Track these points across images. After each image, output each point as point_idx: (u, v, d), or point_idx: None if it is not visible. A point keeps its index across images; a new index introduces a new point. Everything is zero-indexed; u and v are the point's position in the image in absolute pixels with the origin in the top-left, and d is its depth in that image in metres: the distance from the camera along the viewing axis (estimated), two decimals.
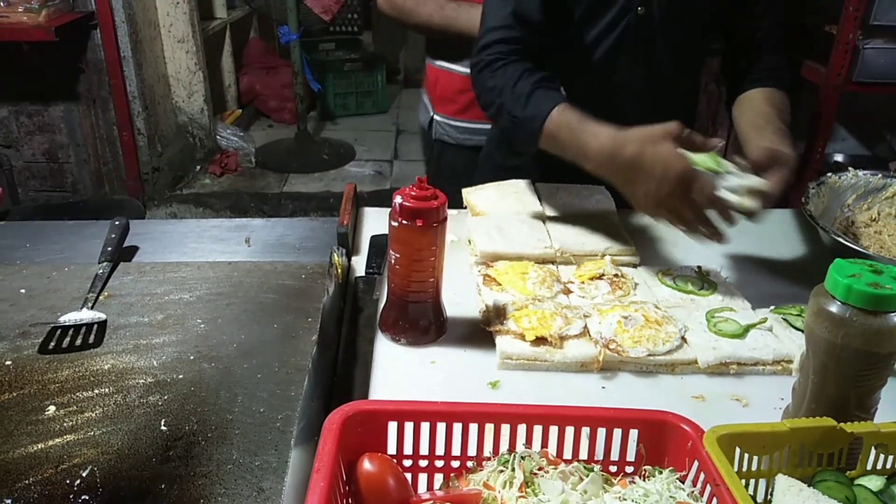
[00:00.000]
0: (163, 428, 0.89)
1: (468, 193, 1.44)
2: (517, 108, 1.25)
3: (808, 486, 0.68)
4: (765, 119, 1.30)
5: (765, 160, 1.14)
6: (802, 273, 1.30)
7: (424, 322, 1.07)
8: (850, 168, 1.53)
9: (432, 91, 1.93)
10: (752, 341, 1.05)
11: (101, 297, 1.15)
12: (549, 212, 1.37)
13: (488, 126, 1.75)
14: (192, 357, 1.02)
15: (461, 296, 1.17)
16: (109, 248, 1.26)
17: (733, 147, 1.37)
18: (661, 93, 1.47)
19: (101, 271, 1.20)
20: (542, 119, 1.20)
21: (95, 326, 1.07)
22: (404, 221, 1.00)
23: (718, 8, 1.43)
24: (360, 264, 1.27)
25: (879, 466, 0.72)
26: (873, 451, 0.72)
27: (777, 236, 1.44)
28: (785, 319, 1.11)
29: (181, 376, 0.98)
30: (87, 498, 0.79)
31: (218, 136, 4.02)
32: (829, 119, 2.71)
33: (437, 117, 1.91)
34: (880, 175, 1.48)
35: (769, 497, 0.70)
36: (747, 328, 1.06)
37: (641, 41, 1.40)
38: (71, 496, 0.79)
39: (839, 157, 3.01)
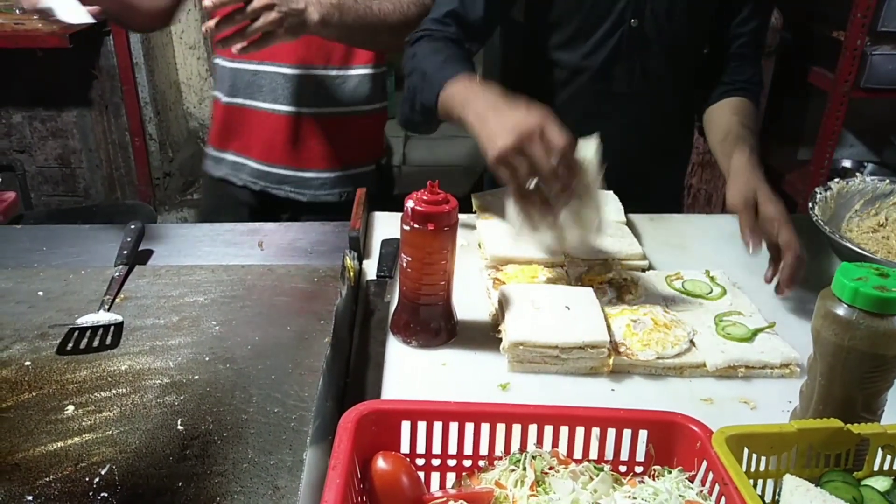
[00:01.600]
0: (179, 427, 0.91)
1: (477, 198, 1.45)
2: (430, 67, 1.27)
3: (816, 486, 0.69)
4: (726, 133, 1.37)
5: (749, 220, 1.19)
6: (809, 277, 1.31)
7: (435, 325, 1.09)
8: (857, 173, 1.54)
9: None
10: (760, 345, 1.06)
11: (117, 300, 1.16)
12: None
13: None
14: (207, 358, 1.04)
15: (471, 299, 1.18)
16: (125, 252, 1.28)
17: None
18: (659, 97, 1.50)
19: (117, 274, 1.22)
20: (449, 77, 1.20)
21: (112, 328, 1.09)
22: (416, 225, 1.01)
23: (709, 15, 1.46)
24: (371, 268, 1.28)
25: (886, 467, 0.73)
26: (880, 452, 0.73)
27: None
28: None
29: (197, 377, 1.00)
30: (106, 495, 0.81)
31: None
32: (837, 125, 2.71)
33: None
34: (888, 181, 1.48)
35: (777, 497, 0.71)
36: (755, 332, 1.07)
37: (636, 50, 1.43)
38: (90, 493, 0.81)
39: (847, 163, 3.01)
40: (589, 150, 1.07)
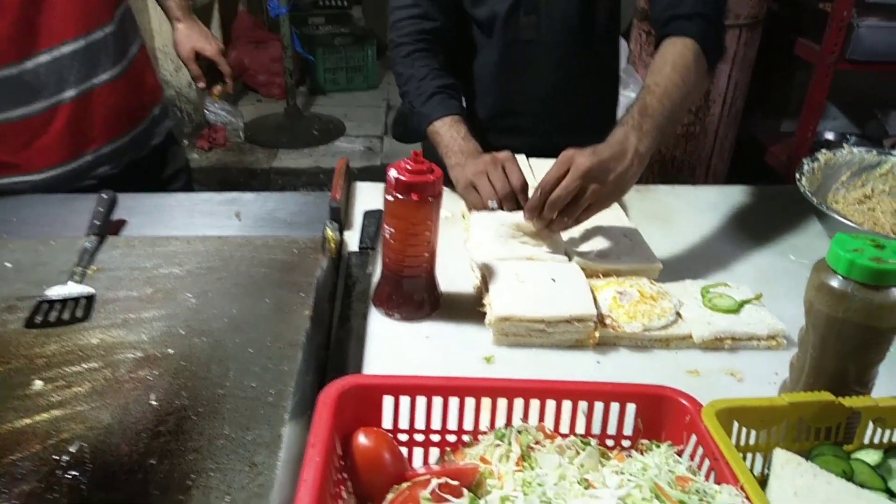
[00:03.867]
0: (152, 403, 0.88)
1: None
2: (417, 102, 1.40)
3: (806, 460, 0.68)
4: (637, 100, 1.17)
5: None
6: (796, 249, 1.30)
7: (419, 297, 1.06)
8: (844, 144, 1.52)
9: None
10: (747, 316, 1.04)
11: (88, 271, 1.12)
12: None
13: None
14: (182, 331, 1.00)
15: (455, 271, 1.16)
16: (97, 222, 1.23)
17: None
18: (573, 44, 1.46)
19: (88, 245, 1.17)
20: (433, 119, 1.37)
21: (83, 300, 1.05)
22: (399, 195, 0.98)
23: None
24: (352, 239, 1.25)
25: (877, 440, 0.72)
26: (871, 426, 0.72)
27: (771, 213, 1.43)
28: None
29: (171, 351, 0.96)
30: (76, 474, 0.78)
31: (206, 111, 3.95)
32: (822, 97, 2.70)
33: None
34: (875, 152, 1.47)
35: (766, 471, 0.70)
36: (742, 303, 1.06)
37: None
38: (59, 472, 0.78)
39: (830, 136, 3.01)
40: None
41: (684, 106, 1.21)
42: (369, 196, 1.40)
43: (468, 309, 1.08)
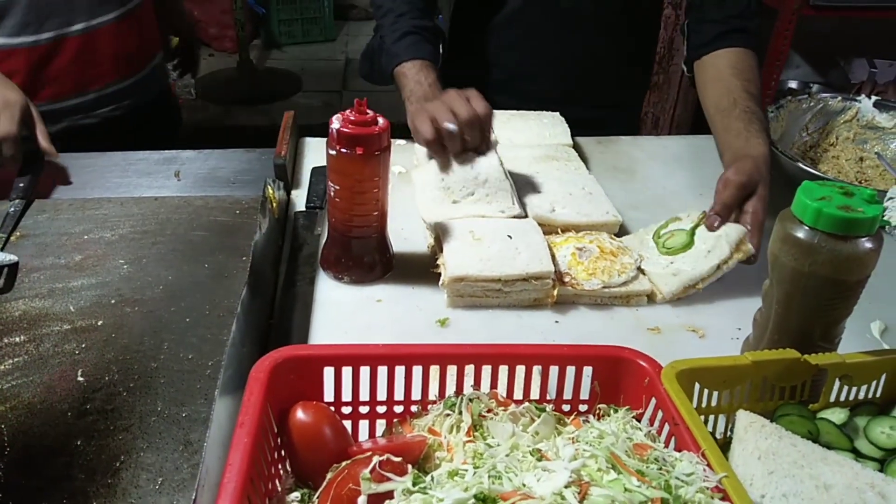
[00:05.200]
0: (80, 379, 0.81)
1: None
2: (389, 38, 1.29)
3: (770, 420, 0.65)
4: (730, 101, 1.16)
5: (733, 199, 1.02)
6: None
7: (369, 259, 1.01)
8: (807, 91, 1.48)
9: None
10: (703, 244, 1.00)
11: (12, 238, 1.04)
12: (504, 143, 1.28)
13: None
14: (113, 301, 0.93)
15: (408, 231, 1.10)
16: (22, 185, 1.14)
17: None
18: (608, 18, 1.40)
19: (12, 210, 1.09)
20: (402, 60, 1.26)
21: (6, 269, 0.98)
22: (343, 150, 0.91)
23: None
24: (300, 199, 1.18)
25: (843, 398, 0.69)
26: (837, 383, 0.69)
27: None
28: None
29: (101, 322, 0.90)
30: None
31: None
32: (785, 45, 2.66)
33: None
34: (840, 98, 1.44)
35: (729, 433, 0.67)
36: (692, 231, 1.02)
37: None
38: None
39: (793, 84, 2.98)
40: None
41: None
42: (320, 152, 1.33)
43: (422, 270, 1.02)
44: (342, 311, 0.96)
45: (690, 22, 1.31)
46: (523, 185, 1.15)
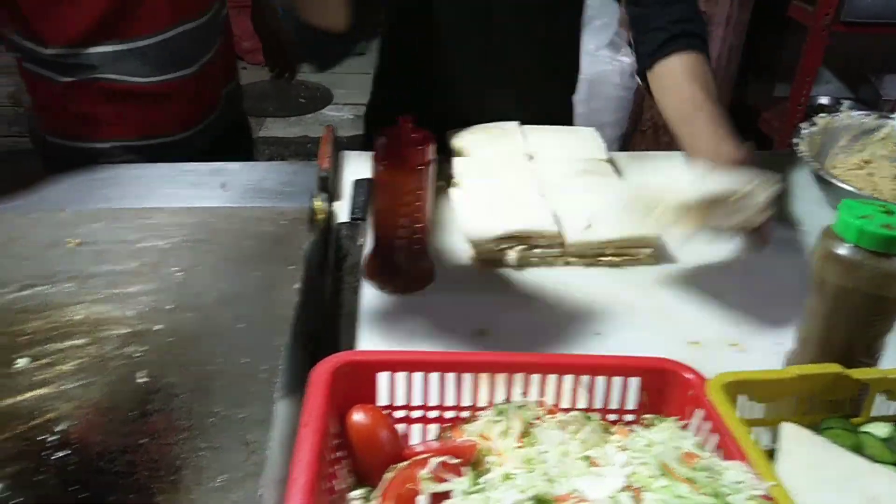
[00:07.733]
0: (140, 380, 0.85)
1: (455, 137, 1.38)
2: None
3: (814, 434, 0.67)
4: (693, 106, 1.14)
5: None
6: (791, 214, 1.28)
7: (411, 270, 1.04)
8: (840, 109, 1.49)
9: None
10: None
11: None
12: (540, 157, 1.31)
13: None
14: (169, 306, 0.97)
15: (449, 242, 1.13)
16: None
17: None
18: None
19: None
20: None
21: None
22: (387, 164, 0.95)
23: None
24: (342, 210, 1.22)
25: (886, 413, 0.71)
26: (878, 398, 0.70)
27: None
28: None
29: (159, 326, 0.93)
30: (62, 454, 0.75)
31: None
32: (816, 60, 2.66)
33: None
34: (874, 115, 1.44)
35: (773, 445, 0.69)
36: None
37: None
38: (44, 452, 0.75)
39: (824, 100, 2.98)
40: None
41: None
42: (358, 165, 1.36)
43: (464, 281, 1.05)
44: (386, 321, 0.98)
45: (635, 34, 1.29)
46: (557, 201, 1.17)
